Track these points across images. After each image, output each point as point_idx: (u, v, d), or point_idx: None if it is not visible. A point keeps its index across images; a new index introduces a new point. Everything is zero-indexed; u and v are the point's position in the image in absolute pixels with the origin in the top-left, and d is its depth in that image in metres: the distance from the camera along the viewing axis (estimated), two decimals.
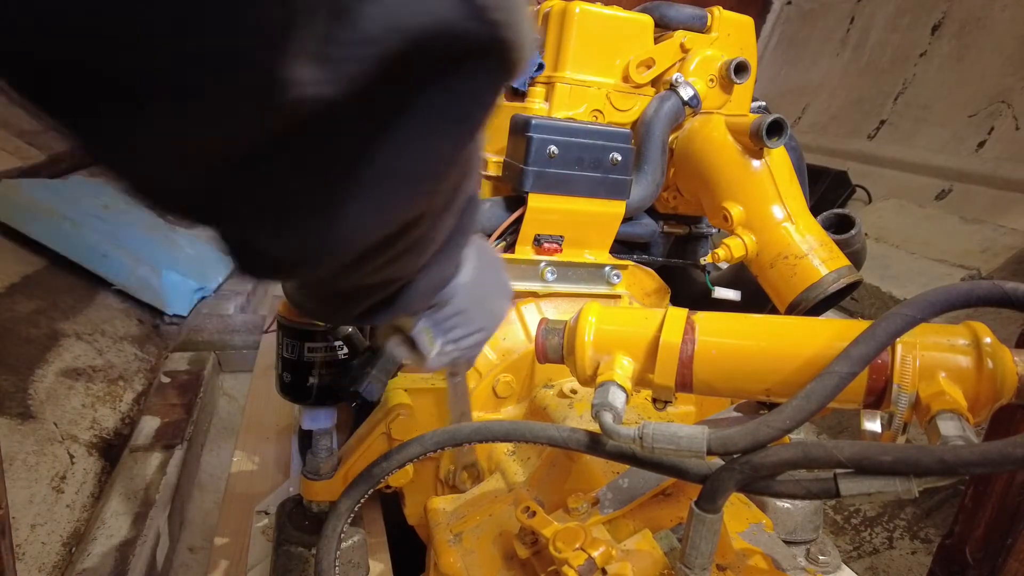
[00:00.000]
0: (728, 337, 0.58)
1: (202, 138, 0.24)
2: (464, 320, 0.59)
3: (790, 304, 0.99)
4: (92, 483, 1.16)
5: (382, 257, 0.38)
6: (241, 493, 1.16)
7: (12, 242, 1.75)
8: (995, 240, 2.32)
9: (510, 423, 0.66)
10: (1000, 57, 2.80)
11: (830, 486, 0.48)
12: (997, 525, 1.04)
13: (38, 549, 0.97)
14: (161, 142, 0.24)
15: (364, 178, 0.30)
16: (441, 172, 0.35)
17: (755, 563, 0.71)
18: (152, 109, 0.22)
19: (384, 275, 0.41)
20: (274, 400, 1.45)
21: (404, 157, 0.31)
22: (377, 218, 0.33)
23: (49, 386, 1.30)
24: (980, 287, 0.51)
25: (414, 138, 0.30)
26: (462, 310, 0.57)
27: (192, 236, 2.35)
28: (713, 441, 0.52)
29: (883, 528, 1.65)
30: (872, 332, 0.50)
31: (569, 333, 0.64)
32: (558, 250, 1.03)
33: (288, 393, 0.84)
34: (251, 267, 0.35)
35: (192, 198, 0.29)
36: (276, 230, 0.32)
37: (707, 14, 1.17)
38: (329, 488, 0.86)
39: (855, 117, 3.45)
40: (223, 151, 0.26)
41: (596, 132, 0.99)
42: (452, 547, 0.81)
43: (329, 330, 0.83)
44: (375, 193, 0.31)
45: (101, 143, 0.24)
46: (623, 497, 0.73)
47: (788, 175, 1.04)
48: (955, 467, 0.43)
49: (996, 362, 0.48)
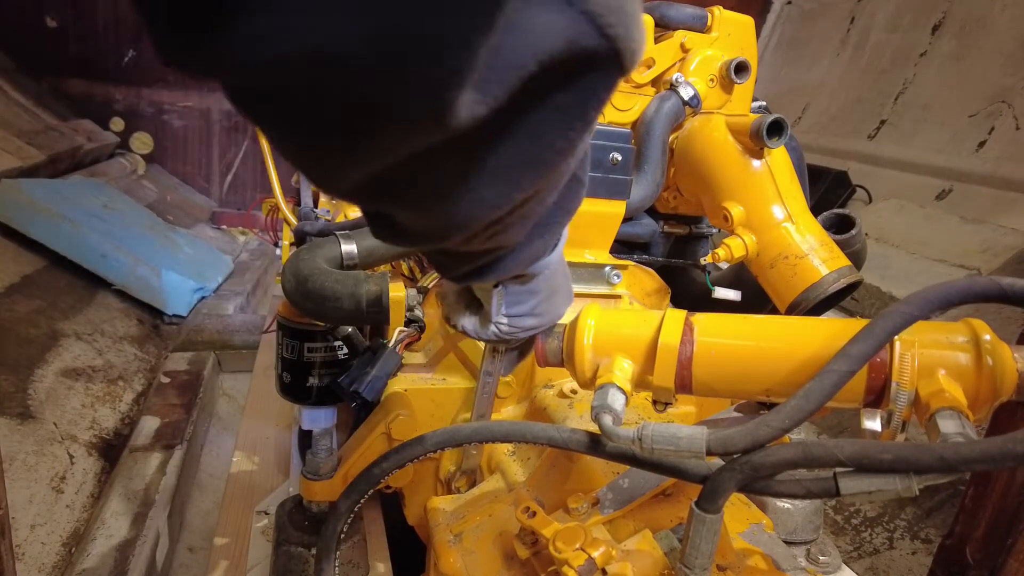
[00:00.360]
0: (727, 338, 0.58)
1: (391, 146, 0.30)
2: (533, 301, 0.61)
3: (790, 304, 0.99)
4: (92, 483, 1.16)
5: (492, 229, 0.42)
6: (241, 493, 1.16)
7: (12, 242, 1.75)
8: (995, 240, 2.32)
9: (510, 423, 0.66)
10: (1000, 57, 2.80)
11: (830, 485, 0.48)
12: (997, 525, 1.04)
13: (38, 549, 0.97)
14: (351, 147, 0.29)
15: (490, 167, 0.35)
16: (556, 160, 0.38)
17: (755, 563, 0.71)
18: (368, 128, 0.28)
19: (491, 243, 0.45)
20: (274, 400, 1.45)
21: (526, 149, 0.35)
22: (498, 200, 0.38)
23: (49, 386, 1.30)
24: (978, 283, 0.51)
25: (536, 133, 0.34)
26: (535, 291, 0.60)
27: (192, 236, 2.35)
28: (713, 441, 0.52)
29: (883, 528, 1.65)
30: (870, 330, 0.50)
31: (568, 336, 0.64)
32: None
33: (288, 393, 0.84)
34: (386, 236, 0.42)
35: (361, 191, 0.34)
36: (417, 210, 0.38)
37: (707, 14, 1.17)
38: (329, 488, 0.86)
39: (855, 117, 3.45)
40: (398, 153, 0.31)
41: (596, 132, 0.99)
42: (452, 547, 0.81)
43: (329, 330, 0.83)
44: (498, 179, 0.36)
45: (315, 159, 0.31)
46: (623, 497, 0.73)
47: (788, 175, 1.03)
48: (955, 464, 0.42)
49: (996, 359, 0.48)
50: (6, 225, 1.74)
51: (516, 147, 0.34)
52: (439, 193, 0.36)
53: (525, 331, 0.63)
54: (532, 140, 0.34)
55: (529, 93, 0.31)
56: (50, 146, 2.26)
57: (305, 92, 0.26)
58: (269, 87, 0.26)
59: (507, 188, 0.37)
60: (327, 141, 0.29)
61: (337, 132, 0.28)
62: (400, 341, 0.86)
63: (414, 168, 0.33)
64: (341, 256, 0.83)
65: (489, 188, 0.36)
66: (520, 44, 0.28)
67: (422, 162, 0.32)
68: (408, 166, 0.32)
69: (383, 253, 0.86)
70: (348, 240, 0.84)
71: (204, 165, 4.81)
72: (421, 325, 0.90)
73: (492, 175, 0.35)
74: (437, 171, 0.34)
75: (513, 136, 0.34)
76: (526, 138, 0.34)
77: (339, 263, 0.83)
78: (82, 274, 1.83)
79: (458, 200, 0.36)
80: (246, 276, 2.41)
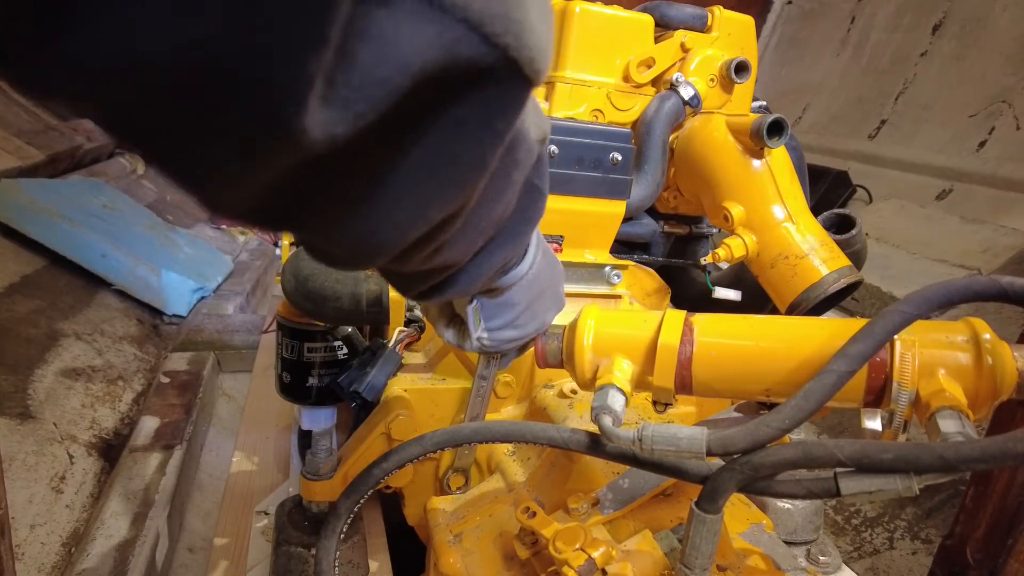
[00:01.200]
0: (727, 338, 0.58)
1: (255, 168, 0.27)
2: (510, 314, 0.60)
3: (791, 304, 0.99)
4: (91, 483, 1.16)
5: (426, 249, 0.41)
6: (241, 493, 1.16)
7: (12, 242, 1.75)
8: (996, 240, 2.32)
9: (510, 423, 0.66)
10: (1000, 57, 2.80)
11: (830, 485, 0.48)
12: (998, 525, 1.04)
13: (37, 549, 0.97)
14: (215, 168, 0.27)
15: (390, 187, 0.33)
16: (468, 175, 0.36)
17: (755, 564, 0.71)
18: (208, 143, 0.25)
19: (434, 263, 0.44)
20: (274, 400, 1.45)
21: (426, 167, 0.33)
22: (410, 221, 0.36)
23: (48, 386, 1.30)
24: (977, 282, 0.51)
25: (434, 151, 0.32)
26: (512, 303, 0.59)
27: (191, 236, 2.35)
28: (713, 442, 0.51)
29: (884, 528, 1.65)
30: (870, 329, 0.50)
31: (568, 337, 0.64)
32: (558, 250, 1.03)
33: (288, 393, 0.84)
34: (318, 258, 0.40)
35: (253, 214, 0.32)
36: (327, 235, 0.36)
37: (707, 14, 1.17)
38: (329, 488, 0.86)
39: (855, 117, 3.45)
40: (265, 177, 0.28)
41: (596, 132, 0.99)
42: (452, 547, 0.81)
43: (329, 330, 0.83)
44: (403, 199, 0.34)
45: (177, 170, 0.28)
46: (623, 497, 0.73)
47: (789, 175, 1.03)
48: (955, 464, 0.42)
49: (996, 358, 0.48)
50: (5, 225, 1.74)
51: (415, 165, 0.32)
52: (336, 218, 0.34)
53: (507, 343, 0.62)
54: (433, 156, 0.32)
55: (412, 108, 0.28)
56: (50, 146, 2.26)
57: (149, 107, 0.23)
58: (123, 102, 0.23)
59: (416, 208, 0.35)
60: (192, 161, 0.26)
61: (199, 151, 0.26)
62: (400, 341, 0.86)
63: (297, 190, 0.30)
64: None
65: (395, 209, 0.34)
66: (381, 57, 0.25)
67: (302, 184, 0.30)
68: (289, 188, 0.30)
69: None
70: None
71: None
72: (421, 325, 0.90)
73: (394, 195, 0.33)
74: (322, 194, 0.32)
75: (406, 155, 0.31)
76: (426, 155, 0.32)
77: None
78: (82, 274, 1.83)
79: (364, 222, 0.34)
80: (246, 276, 2.41)
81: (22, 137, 2.17)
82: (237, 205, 0.30)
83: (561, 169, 0.97)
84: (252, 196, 0.30)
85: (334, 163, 0.29)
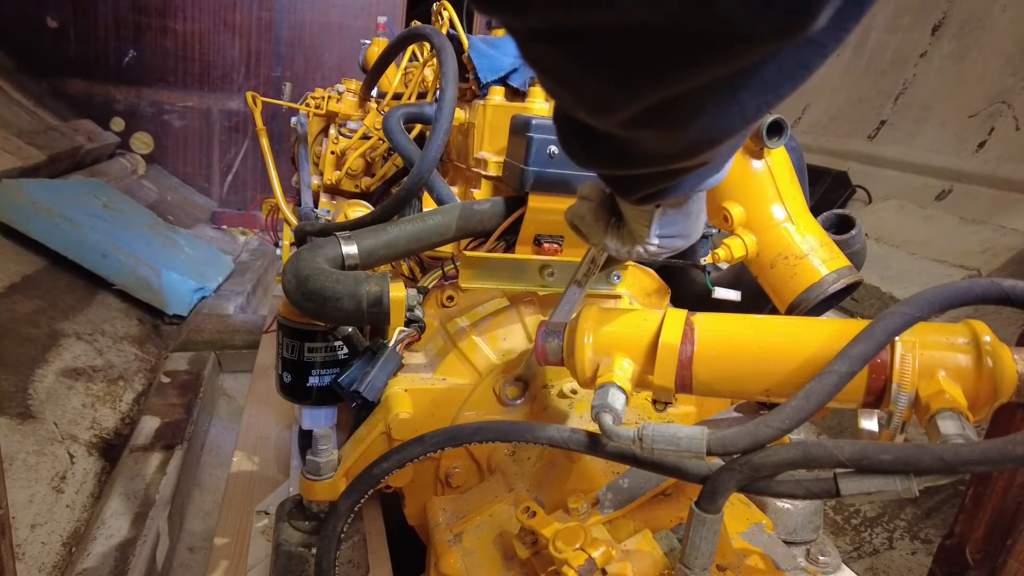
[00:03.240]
0: (727, 338, 0.58)
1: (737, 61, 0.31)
2: (685, 222, 0.61)
3: (790, 304, 0.99)
4: (92, 483, 1.16)
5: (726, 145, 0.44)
6: (241, 493, 1.16)
7: (12, 242, 1.75)
8: (995, 240, 2.32)
9: (510, 423, 0.66)
10: (1000, 57, 2.80)
11: (830, 486, 0.48)
12: (997, 525, 1.04)
13: (38, 549, 0.97)
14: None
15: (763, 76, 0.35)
16: (818, 62, 0.37)
17: (755, 563, 0.71)
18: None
19: (701, 158, 0.46)
20: (274, 400, 1.45)
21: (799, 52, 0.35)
22: (756, 111, 0.37)
23: (49, 386, 1.30)
24: (978, 285, 0.51)
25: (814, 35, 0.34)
26: (689, 213, 0.60)
27: (192, 236, 2.35)
28: (713, 441, 0.52)
29: (883, 528, 1.65)
30: (871, 331, 0.50)
31: (569, 335, 0.64)
32: (558, 250, 1.03)
33: (288, 393, 0.84)
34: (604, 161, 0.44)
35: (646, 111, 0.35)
36: (678, 131, 0.38)
37: None
38: (329, 488, 0.86)
39: (855, 117, 3.45)
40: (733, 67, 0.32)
41: None
42: (452, 547, 0.81)
43: (329, 330, 0.83)
44: (766, 89, 0.36)
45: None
46: (623, 497, 0.73)
47: (788, 175, 1.03)
48: (955, 466, 0.42)
49: (996, 360, 0.48)
50: (6, 225, 1.74)
51: (798, 50, 0.34)
52: (713, 108, 0.36)
53: (672, 251, 0.64)
54: (808, 42, 0.33)
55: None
56: (50, 146, 2.26)
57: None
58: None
59: (770, 97, 0.36)
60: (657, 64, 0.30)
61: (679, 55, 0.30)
62: (400, 341, 0.86)
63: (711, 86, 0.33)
64: (342, 256, 0.83)
65: (754, 99, 0.36)
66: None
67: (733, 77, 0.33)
68: (711, 85, 0.33)
69: (384, 253, 0.86)
70: (348, 240, 0.84)
71: (204, 165, 4.81)
72: (421, 325, 0.90)
73: (762, 85, 0.35)
74: (730, 84, 0.34)
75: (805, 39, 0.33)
76: (808, 40, 0.32)
77: (340, 263, 0.83)
78: (82, 274, 1.83)
79: (725, 114, 0.36)
80: (246, 276, 2.41)
81: (23, 137, 2.17)
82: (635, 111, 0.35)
83: (561, 169, 0.97)
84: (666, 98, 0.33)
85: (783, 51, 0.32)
